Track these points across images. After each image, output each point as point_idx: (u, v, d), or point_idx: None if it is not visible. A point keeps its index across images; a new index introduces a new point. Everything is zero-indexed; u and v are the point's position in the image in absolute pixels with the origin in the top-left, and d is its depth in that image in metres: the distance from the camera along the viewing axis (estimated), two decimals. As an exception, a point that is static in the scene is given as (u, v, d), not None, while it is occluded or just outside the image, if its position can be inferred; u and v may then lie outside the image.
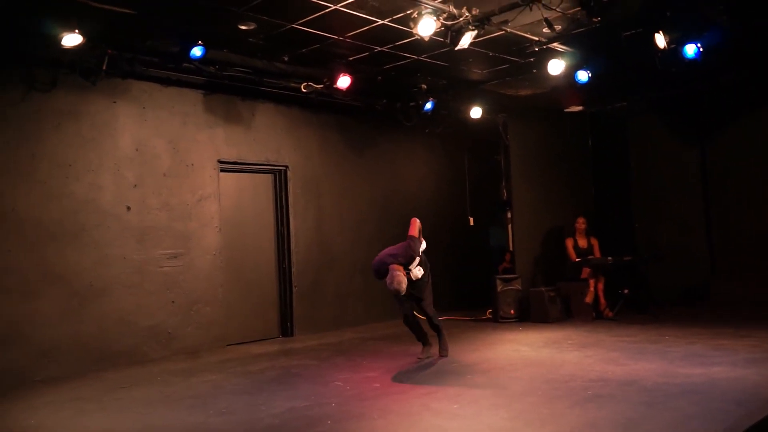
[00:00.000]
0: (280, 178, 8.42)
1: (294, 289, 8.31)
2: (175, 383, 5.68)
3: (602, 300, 8.74)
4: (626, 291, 8.75)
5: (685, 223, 10.49)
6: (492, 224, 11.34)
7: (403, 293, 5.67)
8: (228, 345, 7.56)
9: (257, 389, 5.22)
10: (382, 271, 5.76)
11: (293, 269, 8.35)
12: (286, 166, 8.41)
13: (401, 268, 5.67)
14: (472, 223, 10.90)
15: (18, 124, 6.22)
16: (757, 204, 9.85)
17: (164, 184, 7.23)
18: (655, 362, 5.51)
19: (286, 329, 8.29)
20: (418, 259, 5.86)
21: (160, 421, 4.49)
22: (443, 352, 6.22)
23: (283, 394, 5.03)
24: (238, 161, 7.93)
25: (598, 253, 9.15)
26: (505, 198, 10.05)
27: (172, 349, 7.10)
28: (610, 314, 8.58)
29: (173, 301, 7.19)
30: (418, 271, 5.86)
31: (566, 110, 10.20)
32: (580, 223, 9.32)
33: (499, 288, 8.88)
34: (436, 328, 6.25)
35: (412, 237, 5.88)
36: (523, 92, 9.14)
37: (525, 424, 3.95)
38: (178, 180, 7.34)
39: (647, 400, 4.31)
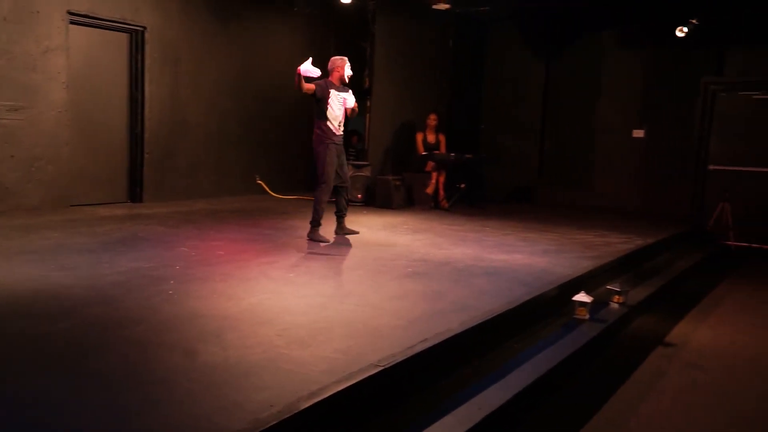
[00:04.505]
0: (136, 39, 8.08)
1: (146, 156, 8.25)
2: (14, 238, 5.66)
3: (441, 192, 9.57)
4: (463, 186, 9.64)
5: (524, 131, 11.51)
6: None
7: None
8: (72, 205, 7.49)
9: (102, 249, 5.36)
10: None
11: (146, 135, 8.24)
12: (144, 27, 8.06)
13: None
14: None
15: None
16: (582, 122, 11.04)
17: (4, 29, 6.72)
18: (471, 248, 6.34)
19: (135, 195, 8.29)
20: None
21: (-1, 272, 4.55)
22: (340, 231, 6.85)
23: (128, 254, 5.23)
24: (91, 15, 7.48)
25: (443, 149, 9.87)
26: (366, 86, 10.35)
27: (9, 204, 6.93)
28: (446, 205, 9.46)
29: (12, 156, 6.92)
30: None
31: (433, 6, 10.48)
32: (432, 119, 9.92)
33: (350, 173, 9.35)
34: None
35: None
36: (394, -17, 9.28)
37: (348, 291, 4.54)
38: (20, 26, 6.85)
39: (455, 278, 5.06)
